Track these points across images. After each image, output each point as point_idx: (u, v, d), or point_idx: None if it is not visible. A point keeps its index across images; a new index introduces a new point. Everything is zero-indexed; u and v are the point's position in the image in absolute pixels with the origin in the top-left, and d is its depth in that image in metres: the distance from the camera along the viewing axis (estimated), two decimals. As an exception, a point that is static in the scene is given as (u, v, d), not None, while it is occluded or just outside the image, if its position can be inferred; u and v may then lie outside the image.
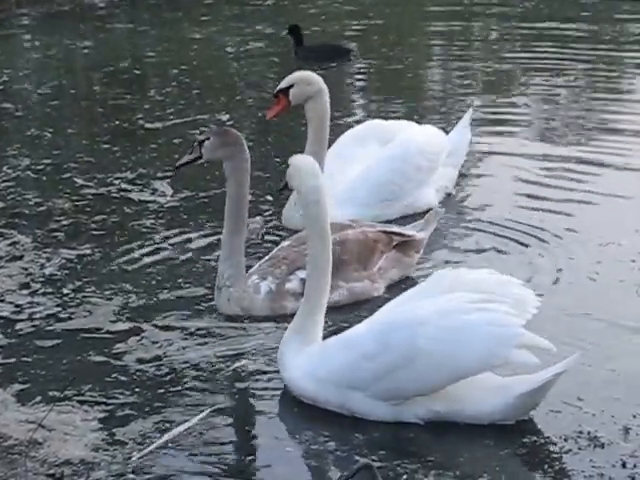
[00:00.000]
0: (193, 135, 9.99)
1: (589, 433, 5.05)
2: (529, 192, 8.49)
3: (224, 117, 10.98)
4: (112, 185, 8.97)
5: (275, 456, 5.07)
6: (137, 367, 5.92)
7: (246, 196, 6.63)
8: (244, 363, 5.93)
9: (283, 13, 17.33)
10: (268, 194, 8.49)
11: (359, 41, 14.90)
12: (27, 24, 17.33)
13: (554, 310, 6.19)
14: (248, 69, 13.56)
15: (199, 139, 6.71)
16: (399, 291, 5.65)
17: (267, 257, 6.80)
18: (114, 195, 8.76)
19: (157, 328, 6.41)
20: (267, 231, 7.81)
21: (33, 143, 10.44)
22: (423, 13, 17.09)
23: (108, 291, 6.91)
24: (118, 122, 11.05)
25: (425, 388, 5.13)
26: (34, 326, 6.48)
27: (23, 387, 5.73)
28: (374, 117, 9.38)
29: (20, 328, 6.45)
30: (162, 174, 9.19)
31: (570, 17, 15.72)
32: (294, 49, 13.73)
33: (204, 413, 5.37)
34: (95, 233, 7.95)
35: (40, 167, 9.60)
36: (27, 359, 6.06)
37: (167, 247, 7.62)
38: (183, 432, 5.21)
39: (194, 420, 5.30)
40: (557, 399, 5.26)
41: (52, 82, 13.24)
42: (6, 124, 11.37)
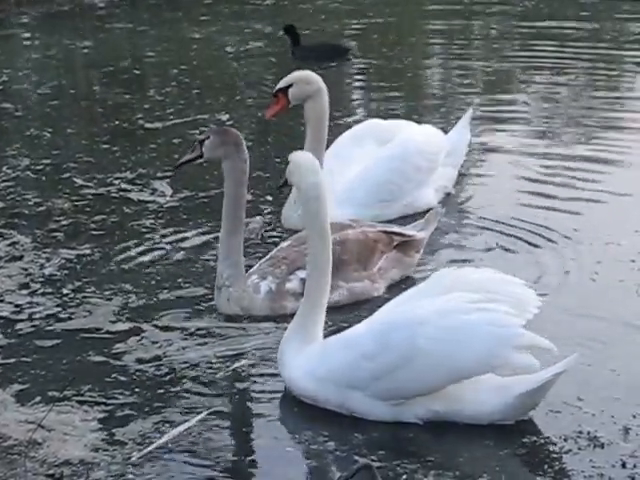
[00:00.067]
0: (193, 135, 9.99)
1: (589, 433, 5.05)
2: (529, 191, 8.49)
3: (224, 117, 10.98)
4: (112, 185, 8.97)
5: (275, 456, 5.07)
6: (137, 367, 5.92)
7: (244, 196, 6.62)
8: (244, 363, 5.92)
9: (283, 13, 17.32)
10: (268, 194, 8.49)
11: (359, 40, 14.90)
12: (27, 24, 17.32)
13: (554, 310, 6.18)
14: (248, 69, 13.55)
15: (200, 138, 6.71)
16: (399, 291, 5.65)
17: (267, 257, 6.80)
18: (114, 195, 8.76)
19: (157, 328, 6.40)
20: (266, 231, 7.81)
21: (33, 143, 10.44)
22: (423, 12, 17.08)
23: (108, 291, 6.90)
24: (118, 122, 11.04)
25: (425, 388, 5.13)
26: (34, 326, 6.47)
27: (23, 387, 5.72)
28: (373, 117, 9.36)
29: (20, 328, 6.45)
30: (162, 174, 9.18)
31: (570, 16, 15.72)
32: (291, 49, 13.74)
33: (204, 413, 5.37)
34: (95, 233, 7.95)
35: (40, 167, 9.60)
36: (27, 359, 6.05)
37: (167, 247, 7.62)
38: (183, 432, 5.21)
39: (194, 420, 5.30)
40: (557, 399, 5.26)
41: (52, 82, 13.24)
42: (6, 124, 11.36)
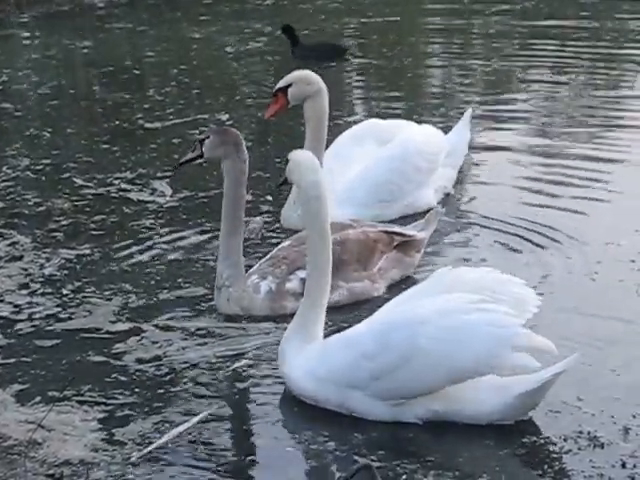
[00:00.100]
0: (192, 135, 9.99)
1: (589, 433, 5.04)
2: (529, 191, 8.49)
3: (224, 117, 10.98)
4: (111, 185, 8.97)
5: (275, 456, 5.07)
6: (137, 367, 5.92)
7: (244, 196, 6.62)
8: (244, 363, 5.92)
9: (282, 12, 17.32)
10: (268, 194, 8.49)
11: (358, 40, 14.90)
12: (26, 24, 17.31)
13: (554, 310, 6.18)
14: (248, 69, 13.55)
15: (200, 138, 6.71)
16: (400, 291, 5.64)
17: (267, 257, 6.79)
18: (113, 195, 8.76)
19: (157, 328, 6.40)
20: (266, 231, 7.81)
21: (32, 143, 10.44)
22: (423, 11, 17.07)
23: (107, 291, 6.90)
24: (117, 122, 11.04)
25: (425, 388, 5.12)
26: (34, 326, 6.47)
27: (22, 387, 5.72)
28: (373, 116, 9.36)
29: (20, 328, 6.45)
30: (161, 174, 9.18)
31: (570, 16, 15.73)
32: (290, 48, 13.75)
33: (204, 413, 5.37)
34: (94, 233, 7.94)
35: (39, 167, 9.60)
36: (26, 359, 6.05)
37: (166, 247, 7.62)
38: (183, 432, 5.20)
39: (194, 420, 5.29)
40: (557, 399, 5.26)
41: (51, 82, 13.24)
42: (5, 124, 11.36)
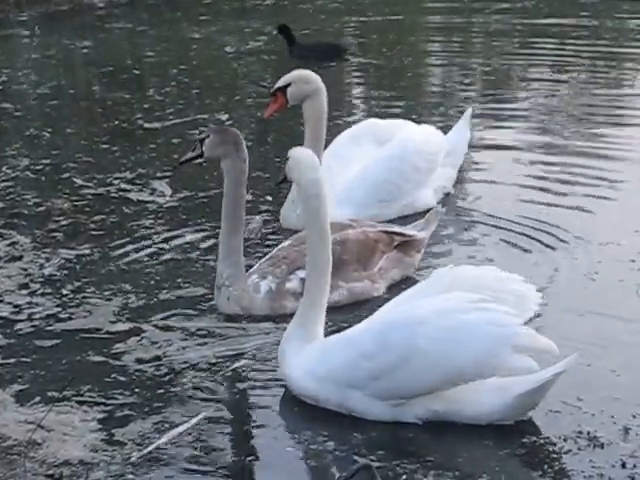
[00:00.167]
0: (192, 135, 9.99)
1: (589, 433, 5.04)
2: (529, 190, 8.48)
3: (223, 117, 10.98)
4: (111, 185, 8.96)
5: (275, 456, 5.06)
6: (136, 367, 5.91)
7: (244, 196, 6.62)
8: (244, 363, 5.92)
9: (282, 12, 17.34)
10: (267, 194, 8.49)
11: (358, 40, 14.91)
12: (26, 24, 17.32)
13: (553, 310, 6.18)
14: (247, 69, 13.56)
15: (200, 137, 6.71)
16: (400, 291, 5.63)
17: (267, 256, 6.79)
18: (113, 195, 8.76)
19: (157, 328, 6.39)
20: (266, 231, 7.80)
21: (32, 143, 10.44)
22: (423, 11, 17.08)
23: (107, 291, 6.90)
24: (117, 122, 11.04)
25: (424, 388, 5.11)
26: (33, 326, 6.47)
27: (22, 387, 5.72)
28: (372, 116, 9.34)
29: (19, 328, 6.45)
30: (161, 174, 9.18)
31: (570, 15, 15.74)
32: (288, 48, 13.76)
33: (203, 414, 5.37)
34: (94, 233, 7.94)
35: (39, 167, 9.60)
36: (26, 359, 6.05)
37: (166, 247, 7.62)
38: (182, 432, 5.21)
39: (193, 421, 5.29)
40: (556, 399, 5.25)
41: (51, 82, 13.24)
42: (5, 124, 11.36)
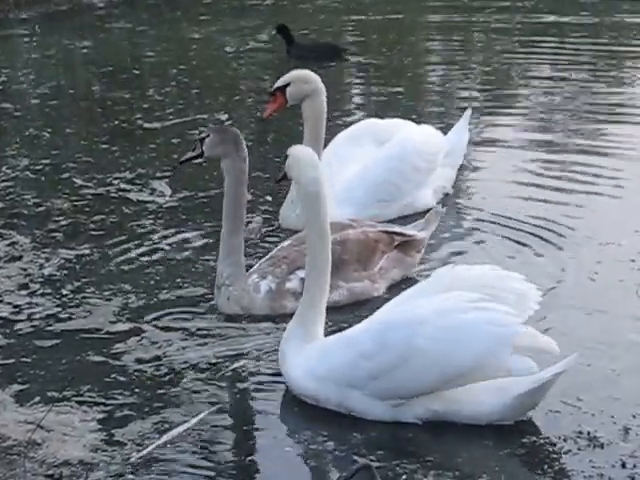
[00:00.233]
0: (192, 135, 9.99)
1: (589, 433, 5.04)
2: (529, 190, 8.48)
3: (223, 117, 10.98)
4: (111, 185, 8.96)
5: (274, 456, 5.06)
6: (136, 367, 5.91)
7: (244, 195, 6.62)
8: (244, 363, 5.92)
9: (282, 12, 17.33)
10: (267, 194, 8.49)
11: (358, 40, 14.90)
12: (26, 24, 17.31)
13: (553, 310, 6.18)
14: (247, 69, 13.56)
15: (200, 137, 6.71)
16: (400, 291, 5.62)
17: (267, 256, 6.79)
18: (113, 195, 8.75)
19: (156, 328, 6.39)
20: (266, 231, 7.80)
21: (32, 143, 10.43)
22: (423, 9, 17.07)
23: (107, 291, 6.90)
24: (117, 122, 11.04)
25: (423, 388, 5.11)
26: (33, 326, 6.47)
27: (22, 387, 5.72)
28: (372, 116, 9.33)
29: (19, 328, 6.44)
30: (161, 174, 9.18)
31: (570, 14, 15.75)
32: (286, 48, 13.76)
33: (203, 414, 5.37)
34: (94, 233, 7.94)
35: (39, 167, 9.59)
36: (26, 359, 6.04)
37: (166, 247, 7.62)
38: (182, 433, 5.20)
39: (193, 421, 5.29)
40: (556, 399, 5.25)
41: (51, 82, 13.24)
42: (5, 124, 11.35)
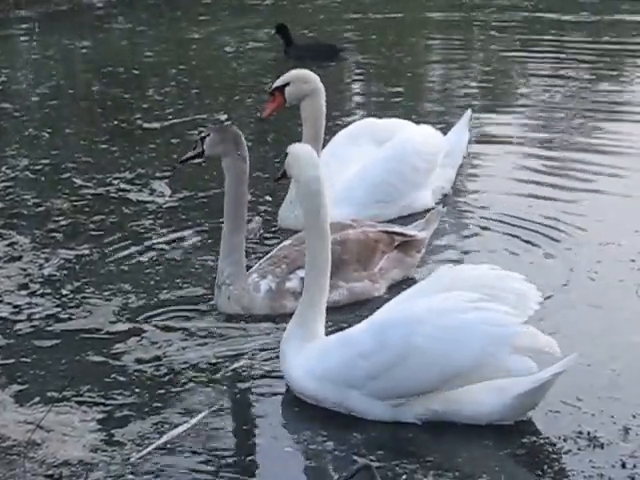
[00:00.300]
0: (192, 135, 9.99)
1: (588, 433, 5.04)
2: (529, 190, 8.50)
3: (223, 117, 10.98)
4: (111, 185, 8.96)
5: (274, 456, 5.06)
6: (136, 367, 5.91)
7: (245, 194, 6.61)
8: (244, 363, 5.92)
9: (282, 12, 17.35)
10: (267, 194, 8.49)
11: (358, 40, 14.91)
12: (25, 24, 17.31)
13: (553, 310, 6.18)
14: (247, 69, 13.56)
15: (201, 136, 6.71)
16: (400, 291, 5.62)
17: (267, 256, 6.79)
18: (113, 195, 8.75)
19: (156, 328, 6.39)
20: (265, 231, 7.80)
21: (31, 143, 10.43)
22: (423, 9, 17.08)
23: (107, 291, 6.89)
24: (117, 122, 11.04)
25: (422, 387, 5.11)
26: (33, 326, 6.46)
27: (22, 388, 5.71)
28: (371, 116, 9.32)
29: (19, 328, 6.44)
30: (161, 174, 9.18)
31: (570, 11, 15.76)
32: (284, 48, 13.76)
33: (203, 414, 5.37)
34: (94, 233, 7.94)
35: (38, 167, 9.59)
36: (26, 359, 6.04)
37: (166, 247, 7.61)
38: (182, 433, 5.20)
39: (193, 421, 5.29)
40: (556, 399, 5.25)
41: (50, 82, 13.24)
42: (4, 124, 11.36)
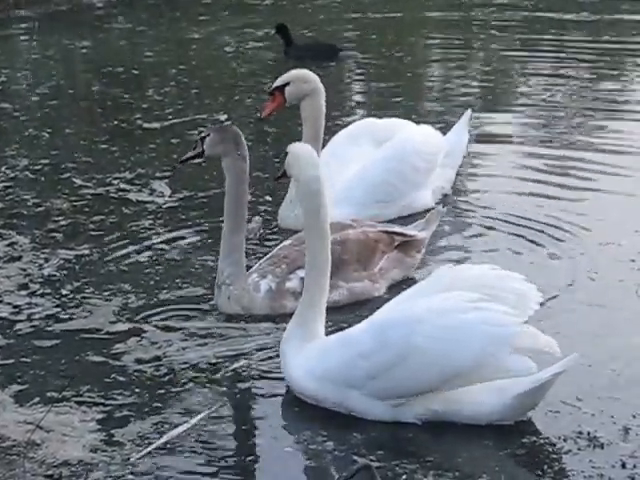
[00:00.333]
0: (191, 135, 9.99)
1: (588, 433, 5.04)
2: (529, 190, 8.50)
3: (223, 117, 10.97)
4: (110, 185, 8.96)
5: (274, 456, 5.06)
6: (136, 367, 5.91)
7: (245, 193, 6.61)
8: (243, 363, 5.92)
9: (282, 12, 17.34)
10: (267, 194, 8.49)
11: (357, 40, 14.90)
12: (25, 24, 17.30)
13: (553, 310, 6.18)
14: (247, 69, 13.55)
15: (201, 136, 6.71)
16: (400, 291, 5.62)
17: (267, 256, 6.79)
18: (112, 195, 8.75)
19: (156, 328, 6.38)
20: (265, 231, 7.80)
21: (31, 143, 10.43)
22: (423, 8, 17.07)
23: (107, 291, 6.89)
24: (116, 122, 11.04)
25: (421, 387, 5.11)
26: (33, 327, 6.46)
27: (21, 388, 5.71)
28: (371, 116, 9.32)
29: (19, 329, 6.44)
30: (160, 174, 9.17)
31: (570, 13, 15.76)
32: (284, 48, 13.75)
33: (203, 414, 5.36)
34: (93, 233, 7.93)
35: (38, 167, 9.59)
36: (26, 360, 6.04)
37: (166, 247, 7.61)
38: (182, 433, 5.20)
39: (193, 421, 5.29)
40: (556, 399, 5.25)
41: (50, 82, 13.23)
42: (4, 124, 11.35)
